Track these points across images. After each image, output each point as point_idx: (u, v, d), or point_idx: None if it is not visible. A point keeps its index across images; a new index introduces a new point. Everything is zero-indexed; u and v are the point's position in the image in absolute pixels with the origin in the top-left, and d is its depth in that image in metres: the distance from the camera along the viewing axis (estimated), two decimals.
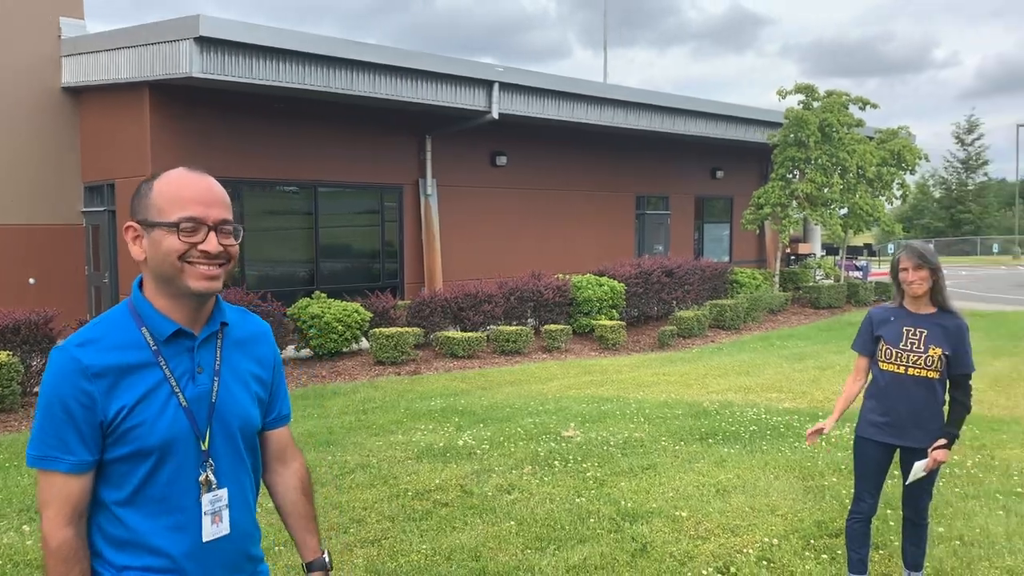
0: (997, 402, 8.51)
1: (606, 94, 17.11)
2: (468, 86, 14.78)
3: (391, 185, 15.97)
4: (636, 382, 10.12)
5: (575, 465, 6.05)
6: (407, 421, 7.67)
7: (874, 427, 3.79)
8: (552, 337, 13.49)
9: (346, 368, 11.46)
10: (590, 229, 19.54)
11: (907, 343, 3.70)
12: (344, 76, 13.15)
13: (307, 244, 14.92)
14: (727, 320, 16.42)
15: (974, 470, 5.94)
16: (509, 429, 7.18)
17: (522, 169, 18.07)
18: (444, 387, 9.78)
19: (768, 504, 5.20)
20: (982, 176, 65.39)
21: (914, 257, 3.67)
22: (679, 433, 7.07)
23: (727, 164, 23.12)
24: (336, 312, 11.91)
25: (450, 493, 5.45)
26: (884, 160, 19.91)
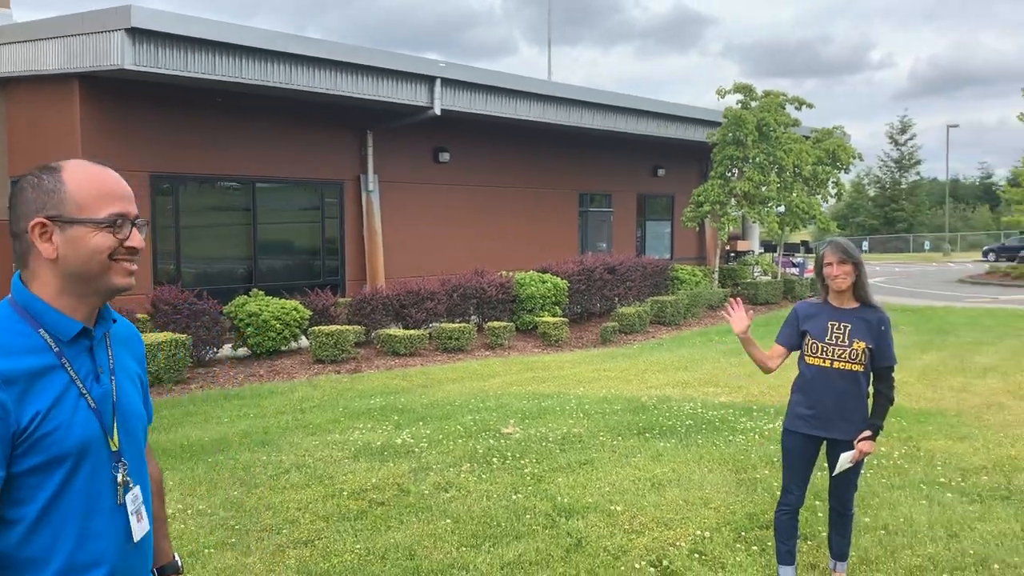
0: (924, 395, 8.78)
1: (550, 91, 17.18)
2: (409, 81, 14.68)
3: (332, 181, 15.78)
4: (577, 378, 10.18)
5: (513, 462, 6.06)
6: (345, 420, 7.59)
7: (801, 420, 3.86)
8: (495, 334, 13.50)
9: (285, 367, 11.29)
10: (534, 226, 19.59)
11: (832, 337, 3.78)
12: (282, 70, 12.95)
13: (245, 241, 14.65)
14: (668, 316, 16.64)
15: (900, 461, 6.11)
16: (449, 427, 7.15)
17: (466, 165, 18.03)
18: (384, 385, 9.70)
19: (702, 497, 5.27)
20: (915, 175, 67.49)
21: (838, 252, 3.75)
22: (617, 428, 7.13)
23: (668, 162, 23.40)
24: (274, 310, 11.72)
25: (386, 492, 5.41)
26: (820, 159, 20.37)
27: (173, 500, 5.30)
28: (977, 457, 6.19)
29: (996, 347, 12.26)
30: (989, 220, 64.90)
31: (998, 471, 5.83)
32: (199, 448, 6.63)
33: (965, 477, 5.69)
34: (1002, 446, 6.52)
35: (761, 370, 3.98)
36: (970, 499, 5.23)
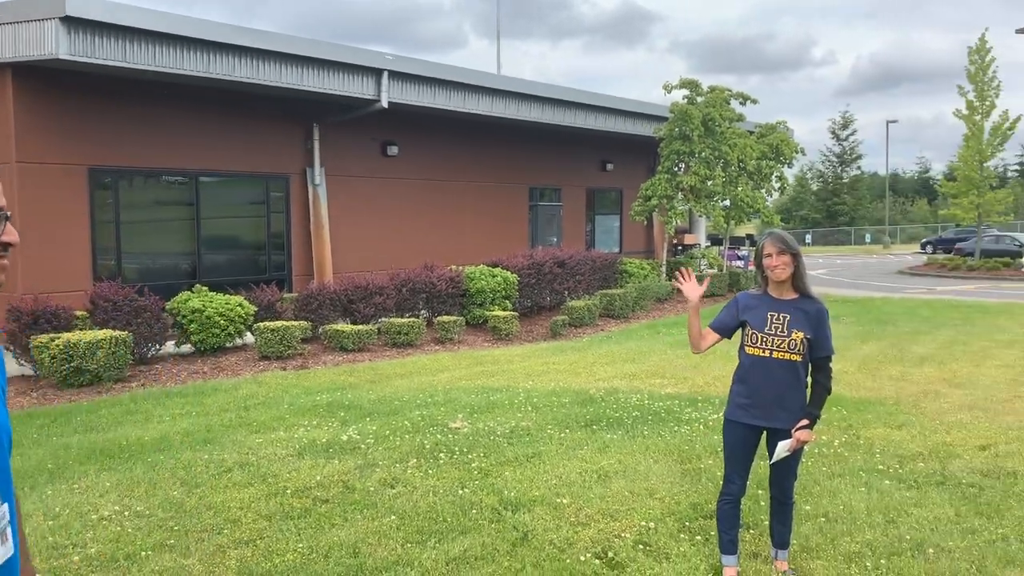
0: (864, 384, 8.98)
1: (499, 85, 17.15)
2: (356, 74, 14.52)
3: (277, 174, 15.55)
4: (527, 372, 10.19)
5: (461, 456, 6.03)
6: (290, 417, 7.48)
7: (741, 409, 3.91)
8: (445, 329, 13.44)
9: (229, 364, 11.09)
10: (484, 220, 19.56)
11: (771, 328, 3.83)
12: (225, 62, 12.70)
13: (189, 236, 14.35)
14: (617, 309, 16.76)
15: (841, 449, 6.24)
16: (396, 422, 7.10)
17: (415, 159, 17.91)
18: (331, 381, 9.59)
19: (647, 488, 5.31)
20: (856, 170, 69.11)
21: (778, 243, 3.80)
22: (565, 421, 7.15)
23: (617, 157, 23.57)
24: (218, 306, 11.50)
25: (331, 490, 5.34)
26: (763, 154, 20.70)
27: (109, 502, 5.17)
28: (914, 444, 6.35)
29: (933, 337, 12.60)
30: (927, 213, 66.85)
31: (934, 458, 5.98)
32: (139, 448, 6.47)
33: (902, 464, 5.83)
34: (938, 433, 6.70)
35: (691, 347, 4.05)
36: (907, 485, 5.36)
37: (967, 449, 6.21)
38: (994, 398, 8.10)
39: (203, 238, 14.48)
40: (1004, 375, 9.36)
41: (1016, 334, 12.71)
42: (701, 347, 4.01)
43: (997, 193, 29.53)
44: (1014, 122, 28.01)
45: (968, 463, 5.84)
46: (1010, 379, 9.12)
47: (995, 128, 28.19)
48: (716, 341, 4.01)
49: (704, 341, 4.00)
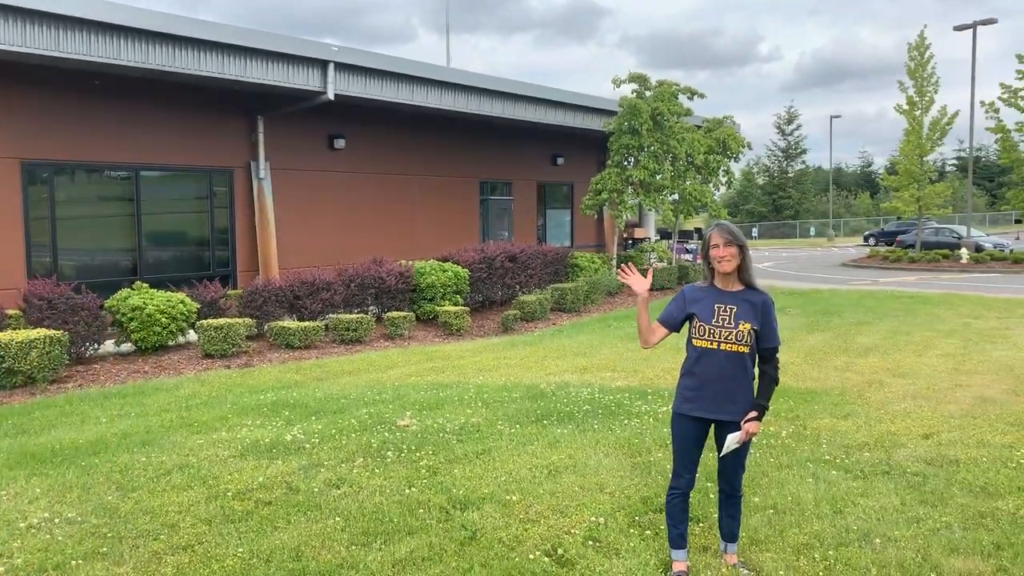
0: (810, 374, 9.07)
1: (447, 78, 16.98)
2: (301, 65, 14.24)
3: (221, 168, 15.19)
4: (477, 367, 10.09)
5: (409, 455, 5.91)
6: (233, 417, 7.27)
7: (689, 403, 3.88)
8: (394, 324, 13.28)
9: (172, 362, 10.79)
10: (434, 214, 19.40)
11: (719, 319, 3.80)
12: (164, 52, 12.34)
13: (129, 231, 13.95)
14: (568, 303, 16.76)
15: (788, 440, 6.27)
16: (343, 421, 6.94)
17: (362, 153, 17.67)
18: (277, 379, 9.38)
19: (597, 483, 5.27)
20: (800, 164, 70.39)
21: (725, 234, 3.77)
22: (516, 416, 7.08)
23: (567, 151, 23.58)
24: (159, 303, 11.18)
25: (274, 491, 5.18)
26: (711, 148, 20.89)
27: (39, 509, 4.94)
28: (860, 434, 6.41)
29: (876, 327, 12.83)
30: (869, 206, 68.40)
31: (879, 447, 6.05)
32: (72, 451, 6.22)
33: (849, 454, 5.88)
34: (882, 423, 6.78)
35: (641, 341, 3.99)
36: (853, 476, 5.40)
37: (911, 438, 6.30)
38: (936, 387, 8.25)
39: (144, 234, 14.09)
40: (945, 364, 9.55)
41: (955, 324, 13.01)
42: (651, 341, 3.96)
43: (936, 186, 30.27)
44: (952, 117, 28.72)
45: (912, 452, 5.92)
46: (950, 368, 9.30)
47: (934, 123, 28.88)
48: (665, 335, 3.97)
49: (654, 335, 3.96)
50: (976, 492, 5.05)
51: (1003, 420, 6.81)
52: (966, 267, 26.95)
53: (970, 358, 9.91)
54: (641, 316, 3.93)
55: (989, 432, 6.44)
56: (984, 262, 27.43)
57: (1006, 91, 26.95)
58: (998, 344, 10.95)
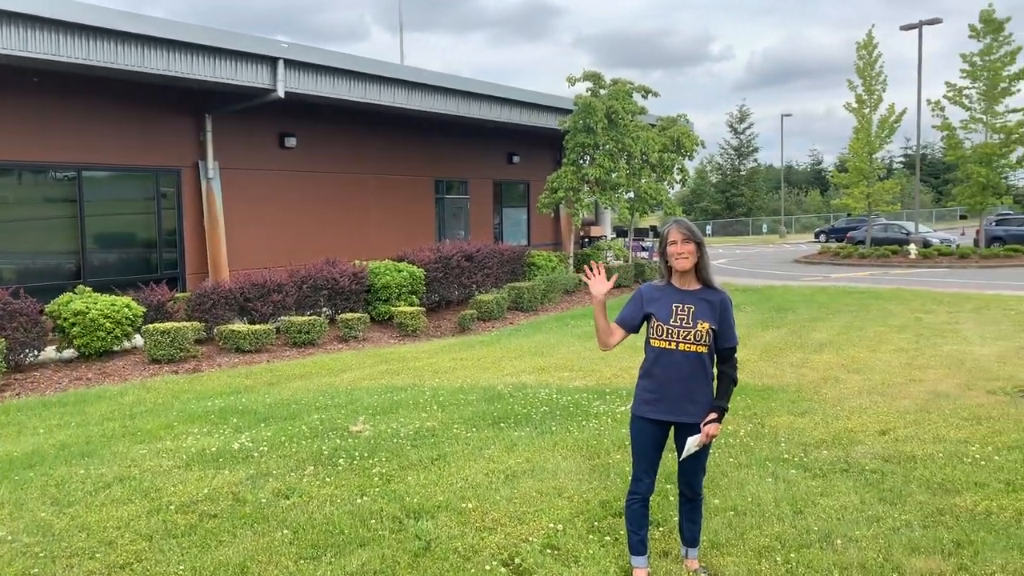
0: (766, 371, 9.08)
1: (401, 75, 16.74)
2: (250, 62, 13.90)
3: (168, 168, 14.77)
4: (433, 368, 9.93)
5: (361, 462, 5.73)
6: (179, 425, 7.01)
7: (648, 404, 3.77)
8: (348, 326, 13.04)
9: (116, 369, 10.43)
10: (389, 214, 19.14)
11: (676, 319, 3.70)
12: (107, 48, 11.93)
13: (72, 234, 13.48)
14: (525, 302, 16.66)
15: (747, 439, 6.22)
16: (293, 427, 6.73)
17: (315, 151, 17.35)
18: (226, 385, 9.10)
19: (555, 487, 5.15)
20: (752, 162, 71.30)
21: (683, 230, 3.67)
22: (472, 419, 6.93)
23: (523, 149, 23.48)
24: (103, 307, 10.80)
25: (220, 503, 4.97)
26: (665, 146, 20.96)
27: None
28: (817, 432, 6.39)
29: (830, 323, 12.94)
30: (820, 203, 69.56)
31: (837, 445, 6.03)
32: (6, 464, 5.92)
33: (807, 452, 5.84)
34: (839, 419, 6.78)
35: (599, 343, 3.87)
36: (812, 474, 5.36)
37: (868, 435, 6.29)
38: (890, 382, 8.30)
39: (88, 236, 13.63)
40: (898, 359, 9.64)
41: (907, 319, 13.18)
42: (609, 343, 3.85)
43: (885, 183, 30.82)
44: (900, 115, 29.26)
45: (870, 449, 5.90)
46: (904, 363, 9.38)
47: (883, 121, 29.39)
48: (624, 336, 3.86)
49: (612, 337, 3.84)
50: (934, 489, 5.04)
51: (957, 415, 6.86)
52: (915, 262, 27.48)
53: (922, 353, 10.02)
54: (598, 318, 3.82)
55: (944, 427, 6.47)
56: (932, 257, 28.00)
57: (951, 90, 27.53)
58: (948, 338, 11.10)
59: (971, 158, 27.26)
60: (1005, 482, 5.10)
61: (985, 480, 5.14)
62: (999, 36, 26.44)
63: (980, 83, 27.00)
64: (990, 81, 26.69)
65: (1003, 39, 26.43)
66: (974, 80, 27.14)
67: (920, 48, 30.51)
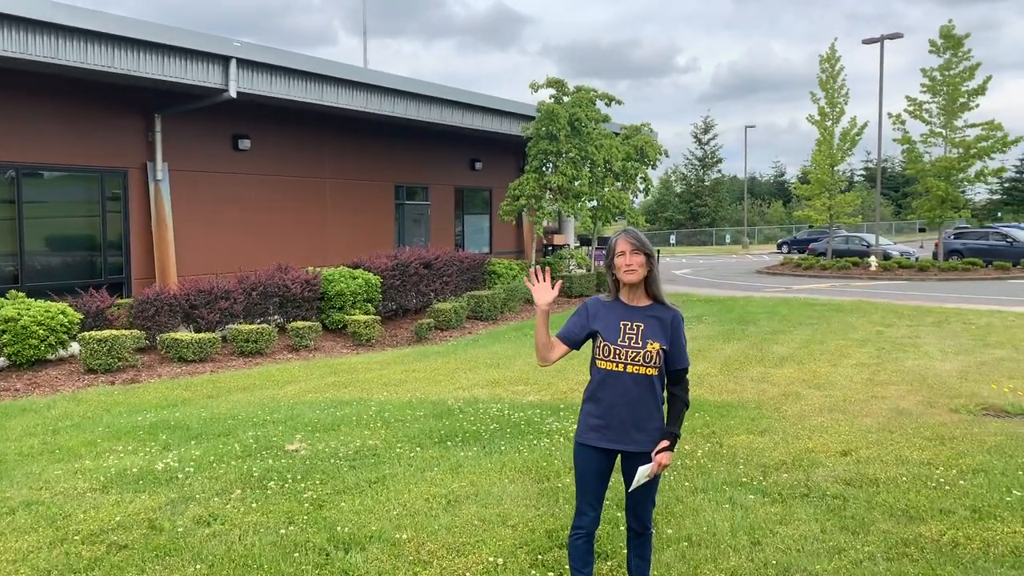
0: (726, 387, 8.83)
1: (359, 78, 16.34)
2: (201, 61, 13.42)
3: (114, 168, 14.22)
4: (383, 381, 9.54)
5: (293, 485, 5.34)
6: (104, 442, 6.55)
7: (593, 432, 3.44)
8: (299, 335, 12.59)
9: (49, 379, 9.89)
10: (347, 219, 18.70)
11: (624, 338, 3.38)
12: (46, 43, 11.40)
13: (9, 236, 12.87)
14: (485, 311, 16.32)
15: (704, 460, 5.94)
16: (225, 445, 6.31)
17: (270, 154, 16.88)
18: (163, 397, 8.63)
19: (500, 514, 4.80)
20: (716, 173, 71.74)
21: (632, 240, 3.36)
22: (418, 437, 6.56)
23: (486, 156, 23.17)
24: (36, 314, 10.26)
25: (133, 532, 4.55)
26: (629, 155, 20.79)
27: None
28: (777, 452, 6.13)
29: (791, 336, 12.77)
30: (783, 215, 70.18)
31: (797, 467, 5.76)
32: None
33: (766, 475, 5.57)
34: (800, 439, 6.53)
35: (538, 358, 3.51)
36: (771, 499, 5.07)
37: (829, 455, 6.04)
38: (852, 399, 8.09)
39: (27, 239, 13.03)
40: (859, 374, 9.45)
41: (868, 332, 13.06)
42: (550, 358, 3.51)
43: (847, 196, 31.01)
44: (862, 128, 29.46)
45: (831, 471, 5.65)
46: (865, 379, 9.20)
47: (844, 133, 29.57)
48: (565, 353, 3.53)
49: (553, 351, 3.51)
50: (898, 516, 4.78)
51: (920, 434, 6.64)
52: (875, 274, 27.62)
53: (884, 368, 9.85)
54: (540, 330, 3.48)
55: (907, 447, 6.25)
56: (892, 269, 28.16)
57: (912, 104, 27.78)
58: (909, 353, 10.96)
59: (930, 172, 27.51)
60: (971, 509, 4.87)
61: (951, 507, 4.90)
62: (959, 52, 26.74)
63: (940, 97, 27.28)
64: (949, 96, 26.97)
65: (962, 54, 26.73)
66: (934, 95, 27.41)
67: (881, 62, 30.81)
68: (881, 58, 30.66)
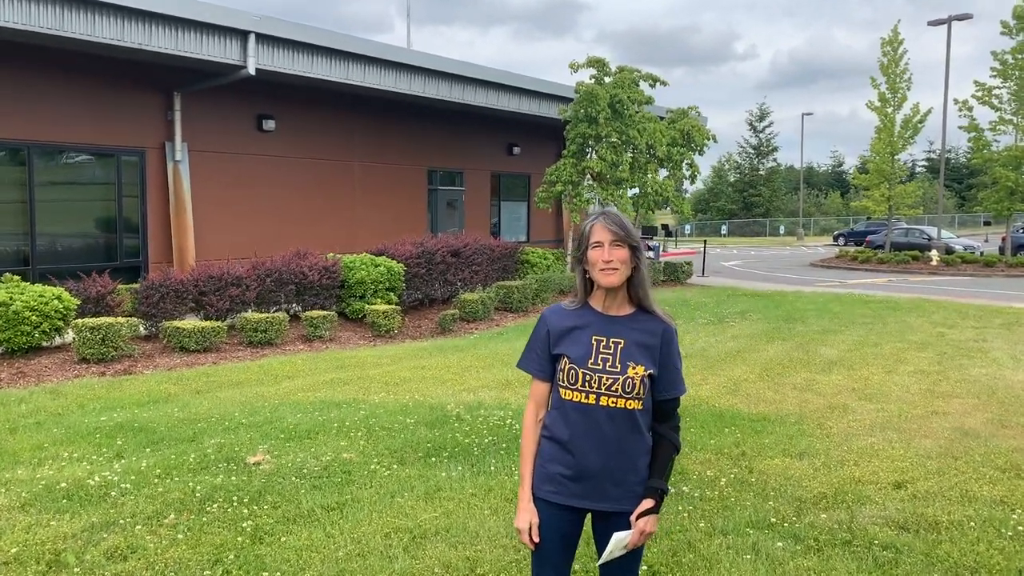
0: (764, 395, 7.85)
1: (387, 56, 15.55)
2: (216, 35, 12.78)
3: (131, 148, 13.70)
4: (387, 379, 8.77)
5: (238, 509, 4.58)
6: (54, 446, 5.88)
7: (554, 484, 2.56)
8: (313, 325, 11.91)
9: (38, 368, 9.34)
10: (377, 205, 17.99)
11: (598, 360, 2.51)
12: (50, 14, 10.85)
13: (20, 217, 12.43)
14: (514, 302, 15.50)
15: (728, 490, 5.02)
16: (181, 454, 5.59)
17: (296, 136, 16.23)
18: (147, 392, 7.98)
19: (469, 558, 3.97)
20: (772, 162, 69.65)
21: (612, 226, 2.48)
22: (400, 451, 5.76)
23: (525, 141, 22.25)
24: (29, 299, 9.72)
25: (29, 568, 3.83)
26: (674, 140, 19.69)
27: None
28: (816, 482, 5.18)
29: (842, 336, 11.68)
30: (840, 206, 67.89)
31: (840, 502, 4.81)
32: None
33: (801, 513, 4.64)
34: (845, 465, 5.56)
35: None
36: (805, 548, 4.15)
37: (879, 488, 5.08)
38: (908, 414, 7.06)
39: (39, 220, 12.58)
40: (918, 384, 8.38)
41: (928, 334, 11.90)
42: (532, 435, 2.66)
43: (907, 186, 29.41)
44: (925, 114, 27.83)
45: (881, 510, 4.69)
46: (924, 389, 8.13)
47: (906, 120, 27.97)
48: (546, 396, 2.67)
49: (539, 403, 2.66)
50: None
51: (990, 463, 5.62)
52: (936, 269, 26.06)
53: (946, 377, 8.75)
54: (527, 469, 2.63)
55: (974, 480, 5.24)
56: (955, 264, 26.55)
57: (980, 89, 26.05)
58: (976, 360, 9.81)
59: (999, 161, 25.79)
60: None
61: None
62: None
63: (1011, 82, 25.51)
64: (1022, 81, 25.20)
65: None
66: (1005, 79, 25.64)
67: (948, 44, 29.03)
68: (948, 40, 28.90)
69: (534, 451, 2.63)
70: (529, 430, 2.65)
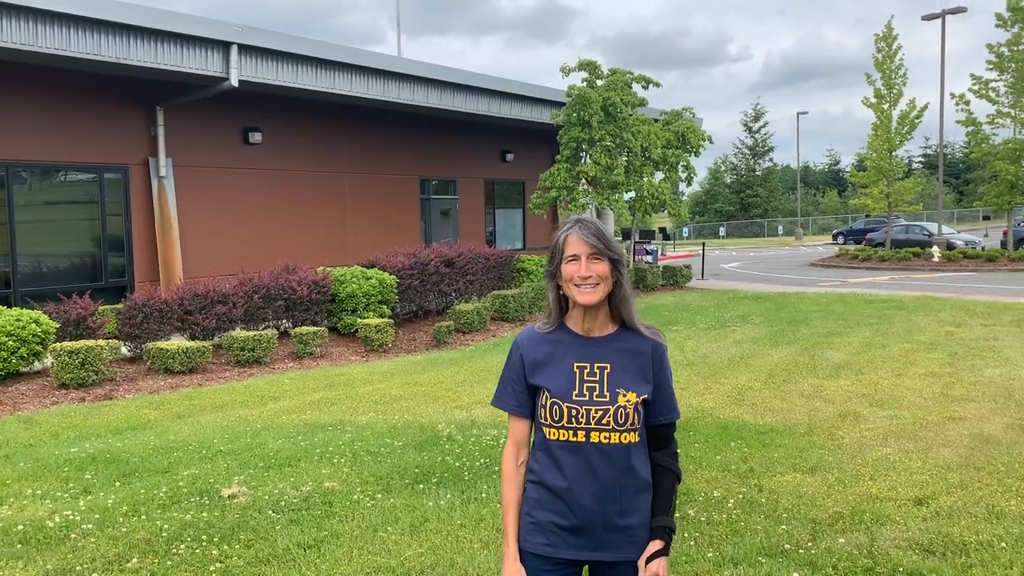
0: (771, 404, 7.51)
1: (374, 64, 15.24)
2: (199, 47, 12.47)
3: (113, 165, 13.38)
4: (377, 397, 8.42)
5: (207, 550, 4.23)
6: (18, 482, 5.53)
7: (547, 535, 2.22)
8: (303, 341, 11.57)
9: (15, 395, 8.99)
10: (369, 216, 17.66)
11: (583, 390, 2.17)
12: (23, 29, 10.53)
13: (1, 239, 12.08)
14: (511, 312, 15.16)
15: (736, 512, 4.67)
16: (152, 488, 5.24)
17: (283, 148, 15.91)
18: (126, 418, 7.64)
19: None
20: (768, 162, 69.40)
21: (590, 237, 2.14)
22: (387, 477, 5.41)
23: (518, 147, 21.94)
24: (6, 323, 9.38)
25: None
26: (669, 142, 19.38)
27: None
28: (831, 500, 4.83)
29: (848, 339, 11.34)
30: (838, 204, 67.63)
31: (857, 523, 4.47)
32: None
33: (816, 537, 4.29)
34: (860, 479, 5.21)
35: None
36: None
37: (899, 505, 4.73)
38: (923, 421, 6.71)
39: (19, 241, 12.24)
40: (930, 387, 8.04)
41: (936, 334, 11.55)
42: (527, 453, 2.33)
43: (905, 182, 29.10)
44: (921, 110, 27.56)
45: (903, 530, 4.34)
46: (937, 393, 7.79)
47: (903, 116, 27.68)
48: (528, 433, 2.34)
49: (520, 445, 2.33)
50: None
51: (1015, 473, 5.27)
52: (938, 266, 25.72)
53: (959, 379, 8.40)
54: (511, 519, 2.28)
55: (1000, 493, 4.90)
56: (957, 260, 26.22)
57: (977, 82, 25.78)
58: (988, 359, 9.46)
59: (999, 155, 25.49)
60: None
61: None
62: None
63: (1008, 75, 25.23)
64: (1018, 73, 24.91)
65: None
66: (1001, 72, 25.36)
67: (943, 38, 28.76)
68: (943, 34, 28.64)
69: (518, 499, 2.28)
70: (509, 477, 2.30)
